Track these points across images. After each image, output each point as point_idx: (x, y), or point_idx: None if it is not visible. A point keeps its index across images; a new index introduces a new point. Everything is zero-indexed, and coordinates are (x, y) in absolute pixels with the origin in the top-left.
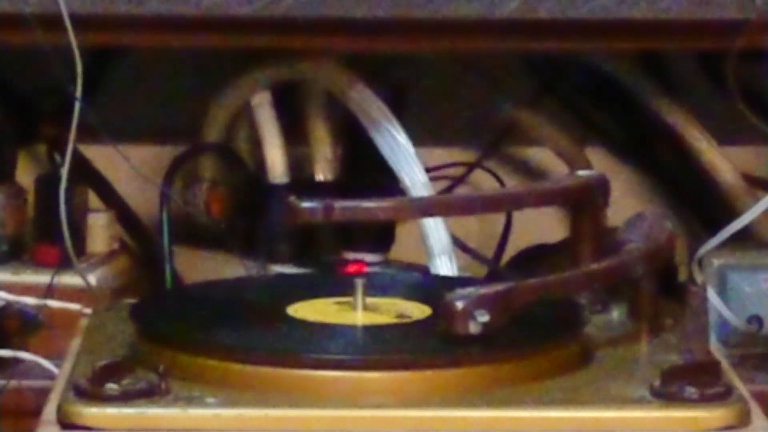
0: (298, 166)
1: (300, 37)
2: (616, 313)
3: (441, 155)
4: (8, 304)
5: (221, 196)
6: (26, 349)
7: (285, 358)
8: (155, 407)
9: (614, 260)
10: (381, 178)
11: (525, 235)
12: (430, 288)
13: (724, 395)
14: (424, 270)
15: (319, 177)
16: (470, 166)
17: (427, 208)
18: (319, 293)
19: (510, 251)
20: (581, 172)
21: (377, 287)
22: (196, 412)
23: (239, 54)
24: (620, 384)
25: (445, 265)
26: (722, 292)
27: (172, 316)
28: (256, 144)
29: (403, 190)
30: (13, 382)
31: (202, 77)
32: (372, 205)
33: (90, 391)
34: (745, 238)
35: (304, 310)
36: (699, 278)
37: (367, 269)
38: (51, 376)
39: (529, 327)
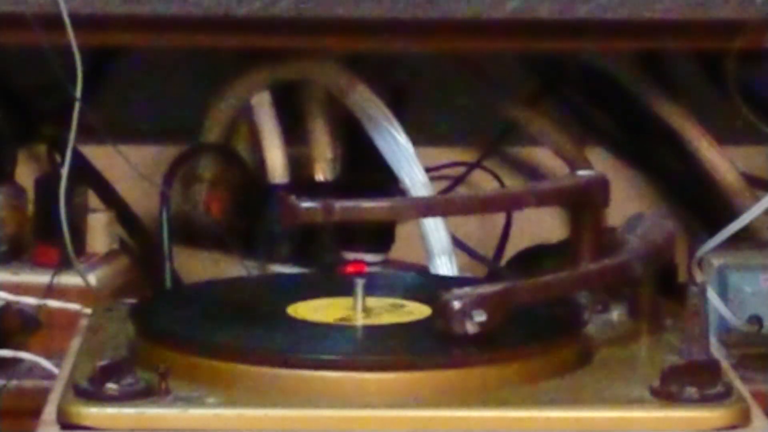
0: (298, 166)
1: (300, 37)
2: (616, 313)
3: (441, 155)
4: (8, 304)
5: (221, 196)
6: (26, 349)
7: (285, 358)
8: (155, 407)
9: (614, 260)
10: (381, 178)
11: (525, 235)
12: (430, 288)
13: (724, 395)
14: (424, 270)
15: (319, 177)
16: (470, 166)
17: (427, 208)
18: (319, 293)
19: (510, 251)
20: (581, 172)
21: (377, 287)
22: (196, 412)
23: (239, 54)
24: (620, 384)
25: (445, 265)
26: (722, 292)
27: (172, 316)
28: (256, 144)
29: (403, 190)
30: (13, 382)
31: (202, 77)
32: (372, 205)
33: (90, 391)
34: (745, 238)
35: (304, 310)
36: (699, 278)
37: (367, 269)
38: (51, 376)
39: (529, 327)
